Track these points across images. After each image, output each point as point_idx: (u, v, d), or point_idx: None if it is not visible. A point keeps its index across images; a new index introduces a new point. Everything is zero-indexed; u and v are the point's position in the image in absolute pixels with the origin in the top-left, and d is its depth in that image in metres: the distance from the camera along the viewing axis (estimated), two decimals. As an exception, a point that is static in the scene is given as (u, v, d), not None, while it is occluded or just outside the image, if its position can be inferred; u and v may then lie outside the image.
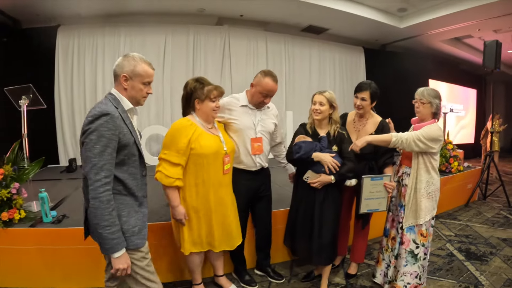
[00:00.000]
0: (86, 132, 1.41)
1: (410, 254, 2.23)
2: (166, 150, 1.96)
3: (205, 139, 2.02)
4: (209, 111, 2.07)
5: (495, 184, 5.51)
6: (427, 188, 2.19)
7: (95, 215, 1.41)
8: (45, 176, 4.45)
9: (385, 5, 6.20)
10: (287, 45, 7.09)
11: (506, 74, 10.45)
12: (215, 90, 2.06)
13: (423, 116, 2.25)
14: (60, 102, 5.66)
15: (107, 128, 1.41)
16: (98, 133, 1.39)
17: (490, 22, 6.32)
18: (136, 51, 5.89)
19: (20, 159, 2.89)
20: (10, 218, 2.45)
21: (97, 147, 1.39)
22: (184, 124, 2.02)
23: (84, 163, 1.43)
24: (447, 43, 8.05)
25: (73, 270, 2.43)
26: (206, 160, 2.02)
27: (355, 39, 7.77)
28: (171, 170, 1.94)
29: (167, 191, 1.98)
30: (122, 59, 1.57)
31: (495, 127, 6.84)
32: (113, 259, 1.45)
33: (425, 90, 2.22)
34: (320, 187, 2.23)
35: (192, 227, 2.09)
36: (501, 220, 4.14)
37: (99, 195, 1.39)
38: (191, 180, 2.05)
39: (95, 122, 1.40)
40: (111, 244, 1.43)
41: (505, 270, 2.79)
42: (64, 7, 5.21)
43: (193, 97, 2.06)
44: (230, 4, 5.63)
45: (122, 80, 1.55)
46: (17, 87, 3.28)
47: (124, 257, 1.47)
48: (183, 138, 1.95)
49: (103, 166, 1.40)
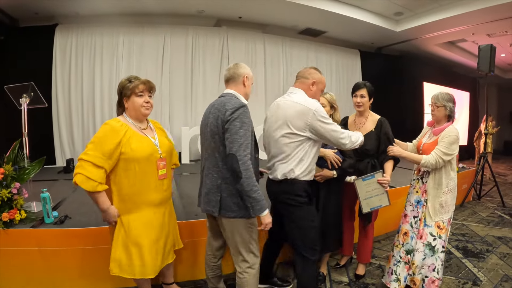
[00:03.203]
0: (230, 120, 1.73)
1: (427, 246, 2.28)
2: (91, 151, 1.72)
3: (136, 141, 1.83)
4: (137, 107, 1.86)
5: (489, 184, 5.62)
6: (447, 184, 2.30)
7: (248, 184, 1.70)
8: (42, 177, 4.40)
9: (381, 9, 6.30)
10: (284, 47, 7.16)
11: (499, 77, 10.64)
12: (142, 84, 1.85)
13: (438, 118, 2.38)
14: (57, 101, 5.63)
15: (246, 116, 1.77)
16: (240, 120, 1.73)
17: (484, 27, 6.44)
18: (134, 51, 5.94)
19: (21, 159, 2.84)
20: (11, 219, 2.40)
21: (241, 131, 1.72)
22: (113, 125, 1.80)
23: (231, 144, 1.72)
24: (441, 46, 8.19)
25: (76, 271, 2.39)
26: (139, 165, 1.82)
27: (351, 42, 7.87)
28: (93, 171, 1.70)
29: (91, 196, 1.76)
30: (240, 65, 2.00)
31: (489, 129, 6.94)
32: (262, 216, 1.79)
33: (439, 95, 2.35)
34: (322, 180, 2.30)
35: (128, 246, 1.86)
36: (495, 219, 4.21)
37: (249, 167, 1.71)
38: (125, 188, 1.84)
39: (236, 112, 1.74)
40: (261, 205, 1.75)
41: (501, 266, 2.86)
42: (62, 6, 5.21)
43: (122, 95, 1.89)
44: (229, 6, 5.68)
45: (245, 79, 1.95)
46: (17, 85, 3.22)
47: (268, 214, 1.82)
48: (111, 140, 1.75)
49: (247, 144, 1.73)
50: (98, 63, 5.74)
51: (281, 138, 1.97)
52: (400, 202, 3.50)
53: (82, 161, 1.71)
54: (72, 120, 5.72)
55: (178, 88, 6.16)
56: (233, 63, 2.03)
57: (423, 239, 2.30)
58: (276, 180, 2.03)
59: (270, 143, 2.08)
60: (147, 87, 1.88)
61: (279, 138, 1.98)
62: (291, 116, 1.94)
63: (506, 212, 4.52)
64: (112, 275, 1.86)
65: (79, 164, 1.72)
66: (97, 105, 5.76)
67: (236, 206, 1.82)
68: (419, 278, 2.29)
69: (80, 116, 5.77)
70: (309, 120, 1.90)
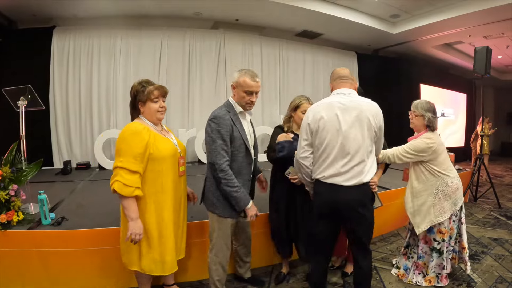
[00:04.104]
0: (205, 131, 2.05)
1: (434, 250, 2.51)
2: (122, 157, 1.78)
3: (161, 142, 1.93)
4: (152, 113, 1.94)
5: (485, 186, 5.64)
6: (440, 190, 2.43)
7: (227, 188, 1.99)
8: (39, 179, 4.40)
9: (378, 11, 6.32)
10: (281, 49, 7.19)
11: (495, 79, 10.70)
12: (156, 90, 1.92)
13: (417, 127, 2.49)
14: (55, 103, 5.64)
15: (218, 125, 1.99)
16: (212, 129, 2.00)
17: (480, 29, 6.48)
18: (132, 54, 5.94)
19: (18, 161, 2.86)
20: (9, 220, 2.42)
21: (215, 141, 1.99)
22: (138, 128, 1.86)
23: (209, 154, 2.02)
24: (438, 48, 8.23)
25: (73, 272, 2.40)
26: (165, 164, 1.93)
27: (348, 44, 7.89)
28: (130, 178, 1.77)
29: (125, 202, 1.80)
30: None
31: (485, 131, 6.98)
32: (247, 209, 2.04)
33: (418, 103, 2.44)
34: (300, 183, 2.32)
35: (151, 242, 1.92)
36: (491, 220, 4.24)
37: (227, 172, 2.00)
38: (150, 189, 1.90)
39: (208, 122, 2.02)
40: (243, 201, 2.03)
41: (496, 268, 2.88)
42: (60, 8, 5.21)
43: (137, 100, 1.95)
44: (226, 9, 5.70)
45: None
46: (15, 88, 3.23)
47: (252, 207, 2.07)
48: (139, 143, 1.81)
49: (222, 152, 2.01)
50: (95, 65, 5.74)
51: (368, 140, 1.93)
52: (395, 204, 3.53)
53: (118, 169, 1.78)
54: (70, 122, 5.73)
55: (175, 90, 6.16)
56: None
57: (429, 244, 2.54)
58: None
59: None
60: (162, 93, 1.96)
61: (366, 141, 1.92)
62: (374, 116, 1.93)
63: (502, 214, 4.55)
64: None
65: (116, 172, 1.79)
66: (95, 107, 5.76)
67: (210, 202, 2.13)
68: (433, 276, 2.57)
69: (78, 118, 5.77)
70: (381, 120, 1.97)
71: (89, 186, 4.11)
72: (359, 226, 1.97)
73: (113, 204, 3.17)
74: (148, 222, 1.90)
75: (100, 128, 5.76)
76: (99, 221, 2.65)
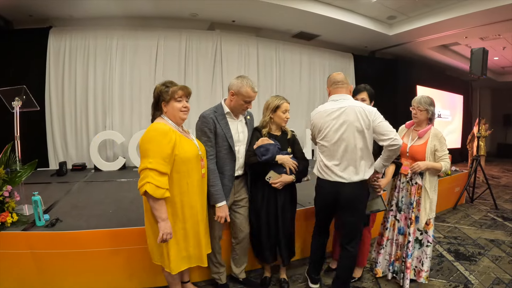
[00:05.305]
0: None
1: (415, 240, 2.51)
2: (151, 158, 1.75)
3: (185, 143, 1.94)
4: (175, 112, 1.94)
5: (482, 187, 5.66)
6: (436, 185, 2.50)
7: (208, 180, 2.15)
8: (35, 180, 4.38)
9: (374, 13, 6.34)
10: (278, 51, 7.18)
11: (492, 80, 10.75)
12: (180, 90, 1.93)
13: (421, 121, 2.55)
14: (51, 104, 5.60)
15: (203, 125, 2.20)
16: (199, 129, 2.22)
17: (477, 30, 6.51)
18: (128, 54, 5.93)
19: (12, 162, 2.85)
20: (3, 222, 2.42)
21: (202, 139, 2.21)
22: (164, 129, 1.85)
23: None
24: (435, 50, 8.26)
25: (66, 274, 2.39)
26: (190, 165, 1.94)
27: (345, 45, 7.91)
28: (161, 180, 1.76)
29: (156, 204, 1.78)
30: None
31: (482, 132, 7.01)
32: (216, 208, 2.17)
33: (422, 99, 2.51)
34: (281, 187, 2.32)
35: (179, 241, 1.96)
36: (488, 222, 4.25)
37: (210, 167, 2.18)
38: (175, 189, 1.90)
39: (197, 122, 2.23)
40: (215, 198, 2.15)
41: (493, 269, 2.88)
42: (57, 8, 5.20)
43: (160, 100, 1.95)
44: (223, 10, 5.68)
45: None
46: (10, 88, 3.21)
47: (222, 208, 2.18)
48: (167, 144, 1.81)
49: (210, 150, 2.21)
50: (91, 66, 5.71)
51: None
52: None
53: (148, 171, 1.75)
54: (66, 123, 5.69)
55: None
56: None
57: (413, 235, 2.49)
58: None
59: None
60: (185, 93, 1.97)
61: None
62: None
63: (498, 215, 4.56)
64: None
65: (146, 174, 1.75)
66: (91, 108, 5.73)
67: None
68: (411, 267, 2.51)
69: (74, 119, 5.73)
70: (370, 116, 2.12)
71: (84, 188, 4.08)
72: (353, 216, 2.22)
73: (107, 205, 3.17)
74: (174, 220, 1.92)
75: (96, 129, 5.72)
76: (94, 222, 2.63)
